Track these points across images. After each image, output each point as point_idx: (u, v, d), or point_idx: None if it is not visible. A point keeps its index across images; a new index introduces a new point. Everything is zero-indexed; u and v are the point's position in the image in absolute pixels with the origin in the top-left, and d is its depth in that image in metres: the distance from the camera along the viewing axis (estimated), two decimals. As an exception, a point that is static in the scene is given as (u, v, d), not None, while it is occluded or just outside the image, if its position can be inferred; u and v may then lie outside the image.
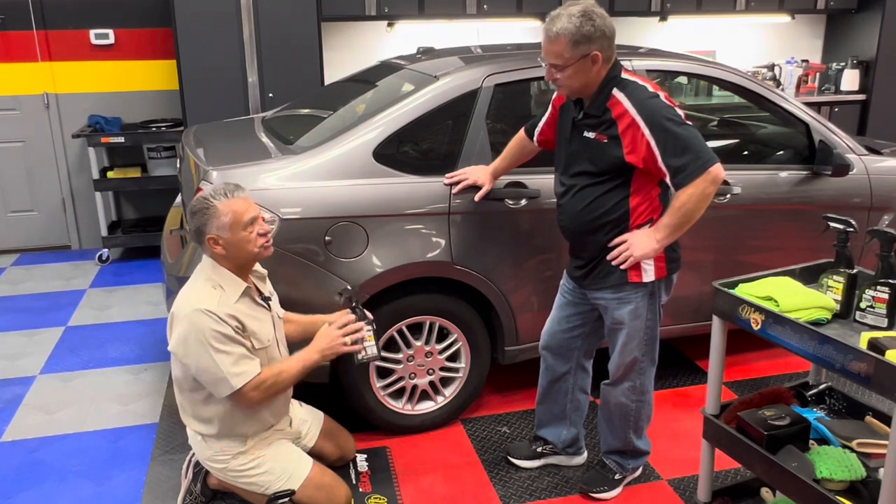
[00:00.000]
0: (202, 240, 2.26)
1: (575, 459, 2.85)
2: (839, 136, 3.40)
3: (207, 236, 2.24)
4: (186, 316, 2.19)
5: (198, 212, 2.24)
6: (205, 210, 2.23)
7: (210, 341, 2.18)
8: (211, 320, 2.18)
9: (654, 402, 2.64)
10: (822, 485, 1.98)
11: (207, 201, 2.23)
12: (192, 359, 2.21)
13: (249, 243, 2.27)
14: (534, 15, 5.22)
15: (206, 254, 2.31)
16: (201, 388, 2.29)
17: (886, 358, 1.76)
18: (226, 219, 2.22)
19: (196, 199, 2.28)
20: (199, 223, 2.24)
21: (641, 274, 2.38)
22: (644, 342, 2.47)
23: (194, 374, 2.24)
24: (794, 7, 5.74)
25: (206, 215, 2.23)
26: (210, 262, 2.30)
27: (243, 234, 2.25)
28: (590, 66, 2.25)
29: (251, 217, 2.27)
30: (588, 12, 2.21)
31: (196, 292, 2.25)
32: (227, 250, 2.26)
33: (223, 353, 2.19)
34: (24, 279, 4.87)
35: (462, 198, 2.82)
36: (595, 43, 2.23)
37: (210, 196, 2.24)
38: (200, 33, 4.57)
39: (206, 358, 2.19)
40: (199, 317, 2.18)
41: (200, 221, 2.24)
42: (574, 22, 2.20)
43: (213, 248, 2.25)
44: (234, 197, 2.25)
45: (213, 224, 2.22)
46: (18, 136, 5.23)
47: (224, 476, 2.41)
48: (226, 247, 2.25)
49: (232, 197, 2.25)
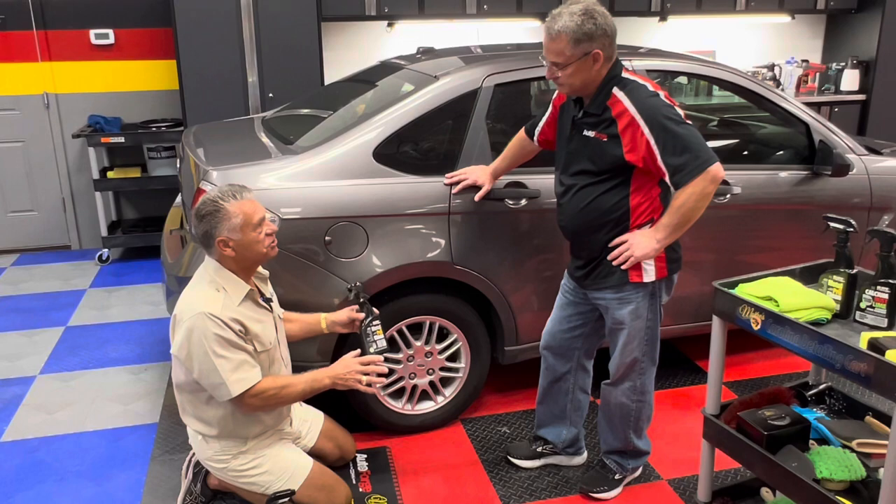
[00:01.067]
0: (211, 243, 2.24)
1: (575, 459, 2.85)
2: (839, 136, 3.40)
3: (218, 239, 2.22)
4: (190, 319, 2.19)
5: (207, 215, 2.22)
6: (214, 213, 2.21)
7: (212, 346, 2.17)
8: (214, 324, 2.17)
9: (654, 402, 2.64)
10: (822, 485, 1.98)
11: (217, 203, 2.22)
12: (193, 362, 2.20)
13: (259, 244, 2.27)
14: (534, 15, 5.22)
15: (212, 256, 2.29)
16: (202, 391, 2.28)
17: (886, 358, 1.76)
18: (237, 220, 2.21)
19: (203, 201, 2.26)
20: (208, 226, 2.22)
21: (642, 274, 2.38)
22: (645, 342, 2.47)
23: (196, 377, 2.23)
24: (794, 7, 5.74)
25: (215, 218, 2.21)
26: (214, 264, 2.29)
27: (253, 234, 2.25)
28: (591, 64, 2.25)
29: (260, 217, 2.27)
30: (590, 10, 2.21)
31: (199, 295, 2.25)
32: (236, 252, 2.24)
33: (224, 359, 2.19)
34: (24, 279, 4.87)
35: (462, 198, 2.82)
36: (596, 41, 2.23)
37: (218, 198, 2.23)
38: (200, 33, 4.57)
39: (208, 362, 2.18)
40: (202, 320, 2.17)
41: (210, 224, 2.21)
42: (576, 20, 2.20)
43: (222, 250, 2.24)
44: (242, 198, 2.24)
45: (223, 226, 2.21)
46: (18, 136, 5.23)
47: (224, 476, 2.41)
48: (236, 248, 2.24)
49: (241, 198, 2.24)
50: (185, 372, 2.27)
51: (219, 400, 2.25)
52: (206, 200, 2.25)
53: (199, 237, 2.26)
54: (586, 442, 2.91)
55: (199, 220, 2.23)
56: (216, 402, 2.28)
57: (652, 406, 2.63)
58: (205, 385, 2.24)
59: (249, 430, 2.37)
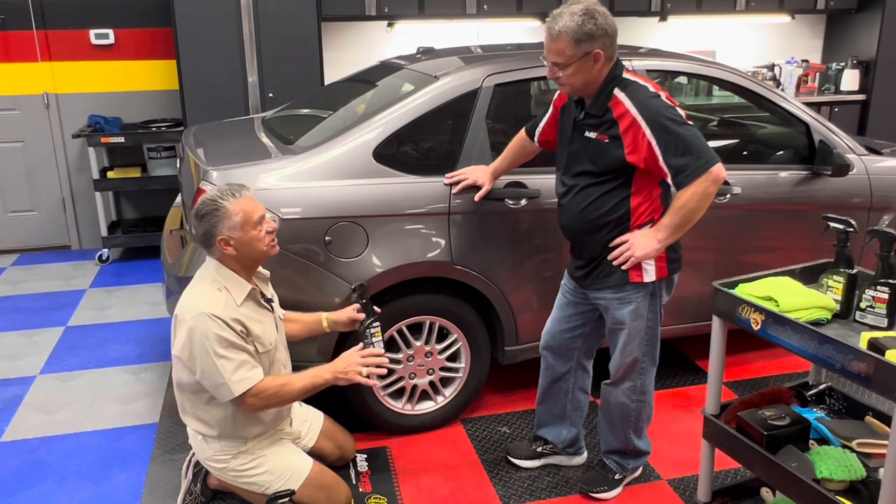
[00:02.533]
0: (212, 242, 2.24)
1: (575, 459, 2.85)
2: (839, 136, 3.40)
3: (218, 237, 2.22)
4: (192, 319, 2.19)
5: (206, 214, 2.22)
6: (214, 212, 2.21)
7: (214, 346, 2.17)
8: (216, 325, 2.17)
9: (654, 402, 2.64)
10: (822, 485, 1.98)
11: (216, 202, 2.22)
12: (195, 363, 2.20)
13: (260, 241, 2.27)
14: (534, 15, 5.22)
15: (212, 256, 2.30)
16: (204, 391, 2.28)
17: (886, 358, 1.76)
18: (237, 218, 2.22)
19: (202, 201, 2.26)
20: (208, 225, 2.22)
21: (643, 274, 2.38)
22: (645, 342, 2.47)
23: (198, 377, 2.23)
24: (794, 7, 5.74)
25: (215, 217, 2.21)
26: (215, 263, 2.30)
27: (254, 232, 2.25)
28: (591, 64, 2.25)
29: (260, 215, 2.27)
30: (590, 10, 2.22)
31: (201, 295, 2.25)
32: (237, 250, 2.25)
33: (225, 359, 2.19)
34: (24, 279, 4.87)
35: (462, 198, 2.82)
36: (597, 41, 2.23)
37: (218, 197, 2.23)
38: (200, 33, 4.57)
39: (209, 363, 2.18)
40: (204, 321, 2.17)
41: (210, 223, 2.22)
42: (576, 20, 2.20)
43: (223, 249, 2.24)
44: (241, 196, 2.25)
45: (223, 225, 2.21)
46: (18, 136, 5.23)
47: (224, 476, 2.41)
48: (237, 247, 2.24)
49: (240, 196, 2.25)
50: (187, 373, 2.26)
51: (220, 400, 2.25)
52: (205, 200, 2.25)
53: (199, 237, 2.26)
54: (586, 442, 2.91)
55: (199, 220, 2.24)
56: (217, 402, 2.28)
57: (652, 406, 2.63)
58: (206, 385, 2.24)
59: (249, 430, 2.37)
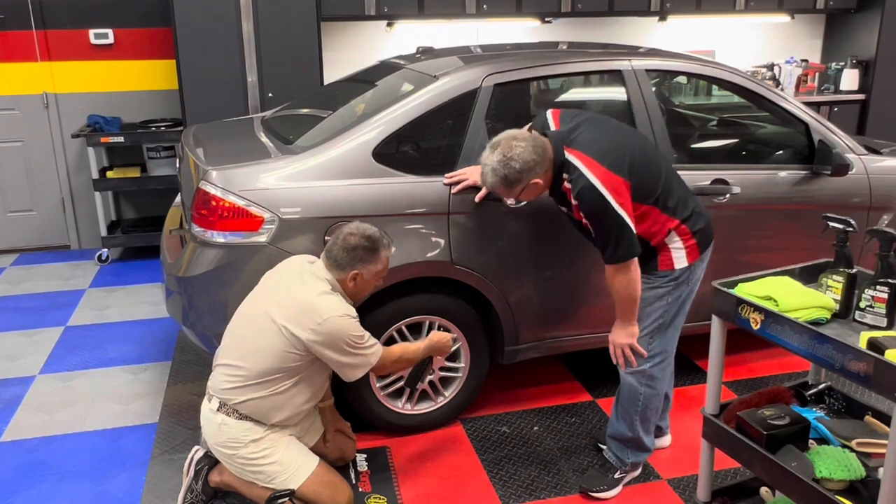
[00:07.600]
0: (347, 270, 2.37)
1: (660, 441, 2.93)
2: (838, 136, 3.40)
3: (355, 271, 2.37)
4: (337, 317, 2.30)
5: (361, 247, 2.36)
6: (372, 250, 2.38)
7: (354, 341, 2.34)
8: (354, 323, 2.35)
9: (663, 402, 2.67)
10: (822, 484, 1.98)
11: (378, 243, 2.39)
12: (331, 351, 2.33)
13: (368, 291, 2.48)
14: (534, 15, 5.22)
15: (333, 274, 2.40)
16: (286, 379, 2.37)
17: (886, 357, 1.76)
18: (380, 266, 2.42)
19: (371, 232, 2.39)
20: (355, 257, 2.36)
21: (673, 262, 2.50)
22: (655, 327, 2.55)
23: (334, 367, 2.38)
24: (793, 7, 5.74)
25: (370, 254, 2.38)
26: (331, 276, 2.40)
27: (375, 283, 2.46)
28: (535, 184, 2.40)
29: (386, 271, 2.49)
30: (505, 158, 2.35)
31: (333, 298, 2.36)
32: (355, 287, 2.41)
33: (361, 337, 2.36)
34: (24, 279, 4.87)
35: (462, 198, 2.82)
36: (527, 174, 2.37)
37: (382, 239, 2.41)
38: (200, 33, 4.56)
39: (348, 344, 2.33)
40: (345, 322, 2.32)
41: (359, 256, 2.37)
42: (499, 174, 2.36)
43: (349, 280, 2.39)
44: (391, 250, 2.46)
45: (369, 266, 2.39)
46: (18, 136, 5.23)
47: (232, 463, 2.42)
48: (356, 284, 2.41)
49: (391, 250, 2.46)
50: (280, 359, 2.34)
51: (351, 379, 2.42)
52: (374, 234, 2.40)
53: (341, 255, 2.37)
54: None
55: (350, 246, 2.36)
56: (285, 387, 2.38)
57: (661, 400, 2.67)
58: (345, 363, 2.36)
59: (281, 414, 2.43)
